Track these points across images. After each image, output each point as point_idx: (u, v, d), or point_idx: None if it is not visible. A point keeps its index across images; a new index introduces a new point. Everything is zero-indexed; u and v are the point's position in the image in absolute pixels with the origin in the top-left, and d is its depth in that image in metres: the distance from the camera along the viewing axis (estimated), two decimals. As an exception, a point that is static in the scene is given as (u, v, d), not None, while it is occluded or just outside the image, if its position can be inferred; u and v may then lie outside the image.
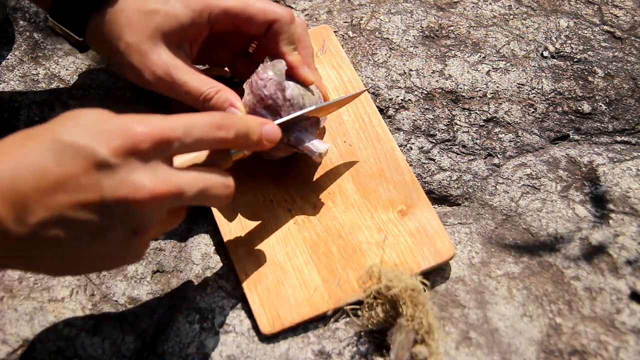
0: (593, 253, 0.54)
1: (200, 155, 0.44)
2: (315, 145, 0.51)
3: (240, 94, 0.51)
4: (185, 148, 0.39)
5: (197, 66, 0.58)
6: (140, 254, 0.42)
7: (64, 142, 0.35)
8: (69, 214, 0.35)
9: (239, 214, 0.53)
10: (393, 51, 0.64)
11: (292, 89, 0.50)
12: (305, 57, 0.52)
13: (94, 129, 0.36)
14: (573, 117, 0.61)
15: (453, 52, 0.64)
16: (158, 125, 0.37)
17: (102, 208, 0.36)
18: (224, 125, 0.41)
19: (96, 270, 0.42)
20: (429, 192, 0.57)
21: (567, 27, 0.66)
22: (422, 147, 0.59)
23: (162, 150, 0.38)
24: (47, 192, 0.35)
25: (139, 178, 0.36)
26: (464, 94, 0.62)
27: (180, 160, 0.43)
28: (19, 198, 0.34)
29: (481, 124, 0.60)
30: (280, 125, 0.48)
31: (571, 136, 0.60)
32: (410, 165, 0.58)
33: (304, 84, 0.51)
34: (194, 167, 0.42)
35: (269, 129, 0.45)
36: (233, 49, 0.55)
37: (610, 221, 0.55)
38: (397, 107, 0.61)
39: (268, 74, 0.50)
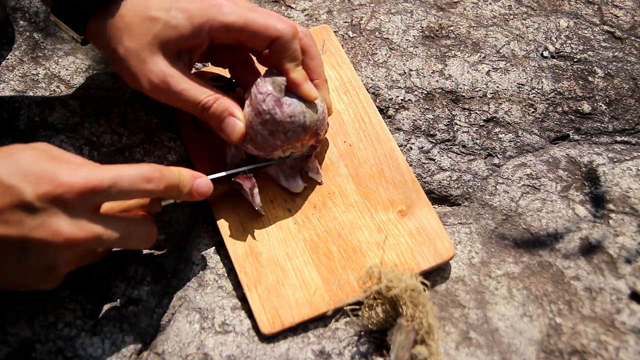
0: (593, 253, 0.54)
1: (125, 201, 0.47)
2: (290, 184, 0.54)
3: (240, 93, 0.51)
4: (111, 198, 0.42)
5: (197, 64, 0.57)
6: (52, 285, 0.44)
7: None
8: None
9: (238, 213, 0.53)
10: (393, 51, 0.64)
11: (295, 106, 0.49)
12: (314, 68, 0.52)
13: (26, 171, 0.40)
14: (573, 117, 0.61)
15: (453, 52, 0.64)
16: (86, 177, 0.40)
17: (19, 243, 0.39)
18: (154, 178, 0.43)
19: (4, 287, 0.45)
20: (429, 192, 0.57)
21: (567, 27, 0.66)
22: (422, 147, 0.59)
23: (87, 200, 0.40)
24: None
25: (58, 224, 0.39)
26: (464, 94, 0.62)
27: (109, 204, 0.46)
28: None
29: (481, 124, 0.60)
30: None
31: (571, 136, 0.60)
32: (410, 165, 0.58)
33: (308, 100, 0.50)
34: (120, 214, 0.45)
35: (201, 182, 0.47)
36: (234, 56, 0.54)
37: (610, 221, 0.55)
38: (397, 107, 0.61)
39: (267, 88, 0.49)
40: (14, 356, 0.48)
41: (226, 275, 0.53)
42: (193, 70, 0.63)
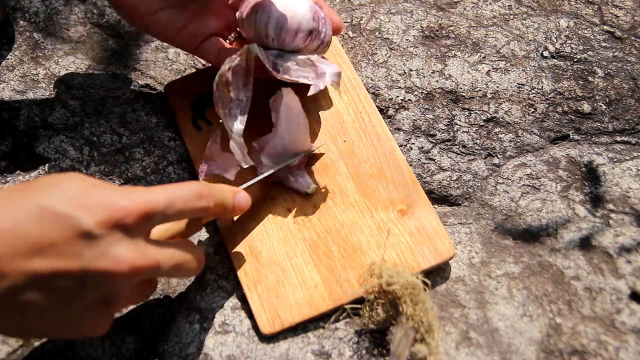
0: (593, 253, 0.54)
1: (174, 224, 0.46)
2: (300, 182, 0.54)
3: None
4: (167, 219, 0.40)
5: (199, 64, 0.57)
6: (103, 327, 0.41)
7: (47, 209, 0.36)
8: (45, 280, 0.35)
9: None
10: (393, 51, 0.64)
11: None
12: None
13: (78, 199, 0.37)
14: (573, 117, 0.61)
15: (453, 52, 0.64)
16: (142, 200, 0.38)
17: (79, 277, 0.36)
18: (204, 194, 0.42)
19: (52, 337, 0.43)
20: (429, 192, 0.57)
21: (567, 27, 0.66)
22: (422, 147, 0.59)
23: (144, 224, 0.38)
24: (24, 256, 0.34)
25: (120, 251, 0.37)
26: (464, 94, 0.62)
27: (155, 230, 0.44)
28: None
29: (481, 124, 0.60)
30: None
31: (571, 136, 0.60)
32: (410, 165, 0.58)
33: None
34: (170, 241, 0.43)
35: (241, 198, 0.47)
36: (218, 21, 0.53)
37: (610, 221, 0.55)
38: (397, 107, 0.61)
39: None
40: (14, 356, 0.47)
41: (226, 275, 0.53)
42: (191, 71, 0.63)
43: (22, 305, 0.35)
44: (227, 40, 0.54)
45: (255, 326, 0.50)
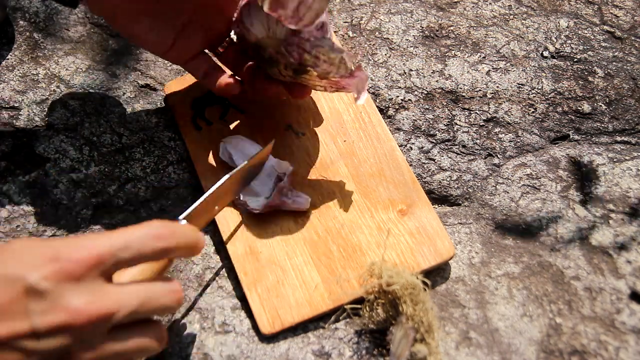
0: (593, 253, 0.54)
1: (142, 270, 0.43)
2: (298, 202, 0.53)
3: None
4: (125, 263, 0.38)
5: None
6: None
7: None
8: (1, 346, 0.34)
9: (237, 213, 0.53)
10: (393, 51, 0.64)
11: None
12: None
13: (24, 258, 0.36)
14: (573, 117, 0.61)
15: (453, 52, 0.64)
16: (91, 246, 0.37)
17: (32, 335, 0.35)
18: (163, 235, 0.39)
19: None
20: (429, 192, 0.57)
21: (567, 27, 0.66)
22: (422, 147, 0.59)
23: (96, 270, 0.37)
24: None
25: (72, 301, 0.35)
26: (464, 94, 0.62)
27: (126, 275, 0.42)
28: None
29: (481, 124, 0.60)
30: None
31: (571, 136, 0.60)
32: (410, 165, 0.58)
33: None
34: (136, 280, 0.41)
35: (201, 236, 0.43)
36: (208, 35, 0.52)
37: (610, 221, 0.55)
38: (397, 107, 0.61)
39: None
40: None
41: (226, 275, 0.53)
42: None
43: None
44: (220, 49, 0.54)
45: (255, 326, 0.50)
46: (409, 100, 0.61)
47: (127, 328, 0.39)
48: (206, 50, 0.54)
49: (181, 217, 0.45)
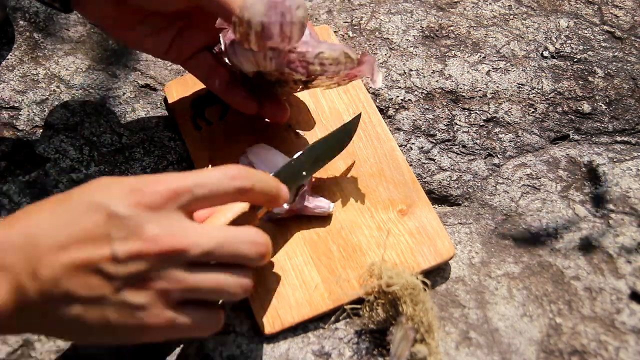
0: (593, 253, 0.54)
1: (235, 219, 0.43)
2: (321, 206, 0.52)
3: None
4: (201, 200, 0.39)
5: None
6: (158, 326, 0.38)
7: (79, 202, 0.37)
8: (79, 267, 0.36)
9: None
10: (393, 51, 0.64)
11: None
12: None
13: (109, 188, 0.38)
14: (573, 117, 0.61)
15: (453, 52, 0.64)
16: (169, 181, 0.38)
17: (112, 260, 0.36)
18: (239, 176, 0.40)
19: (113, 341, 0.39)
20: (429, 192, 0.57)
21: (567, 27, 0.66)
22: (422, 147, 0.59)
23: (173, 203, 0.38)
24: (62, 247, 0.36)
25: (149, 230, 0.37)
26: (464, 94, 0.62)
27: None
28: (35, 253, 0.36)
29: (481, 124, 0.60)
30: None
31: (571, 136, 0.60)
32: (410, 165, 0.58)
33: None
34: (222, 224, 0.42)
35: (284, 188, 0.44)
36: (206, 35, 0.52)
37: (610, 221, 0.55)
38: (397, 107, 0.61)
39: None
40: (14, 356, 0.47)
41: (226, 275, 0.53)
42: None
43: (65, 299, 0.36)
44: (215, 49, 0.54)
45: (255, 326, 0.50)
46: (409, 100, 0.61)
47: (210, 266, 0.39)
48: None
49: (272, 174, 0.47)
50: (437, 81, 0.62)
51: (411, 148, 0.59)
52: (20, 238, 0.36)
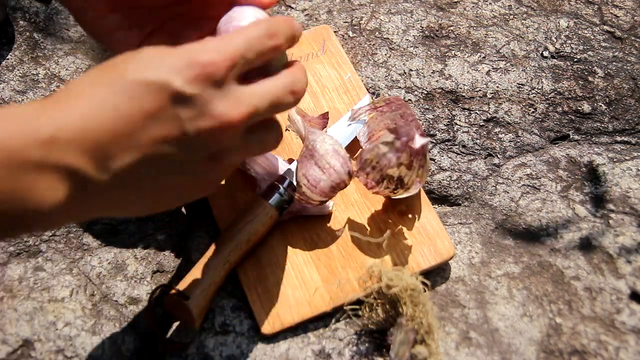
0: (593, 253, 0.54)
1: None
2: (321, 206, 0.52)
3: None
4: (250, 64, 0.38)
5: None
6: (221, 179, 0.42)
7: (134, 81, 0.35)
8: (151, 151, 0.35)
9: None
10: (393, 51, 0.64)
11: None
12: None
13: (161, 63, 0.35)
14: (573, 117, 0.61)
15: (453, 52, 0.64)
16: (224, 49, 0.37)
17: (183, 141, 0.36)
18: (274, 33, 0.39)
19: (178, 204, 0.41)
20: (429, 192, 0.57)
21: (567, 27, 0.66)
22: (422, 147, 0.59)
23: (231, 73, 0.37)
24: (126, 134, 0.34)
25: (218, 107, 0.36)
26: (464, 94, 0.62)
27: None
28: (97, 146, 0.33)
29: (481, 124, 0.60)
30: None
31: (571, 136, 0.60)
32: (410, 165, 0.58)
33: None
34: (257, 80, 0.40)
35: (296, 23, 0.43)
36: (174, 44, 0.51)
37: (610, 221, 0.55)
38: (397, 107, 0.61)
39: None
40: (14, 356, 0.48)
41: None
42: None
43: (136, 183, 0.36)
44: None
45: (255, 326, 0.50)
46: (409, 100, 0.61)
47: (258, 127, 0.40)
48: None
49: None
50: (437, 81, 0.62)
51: (411, 148, 0.59)
52: (75, 133, 0.33)
